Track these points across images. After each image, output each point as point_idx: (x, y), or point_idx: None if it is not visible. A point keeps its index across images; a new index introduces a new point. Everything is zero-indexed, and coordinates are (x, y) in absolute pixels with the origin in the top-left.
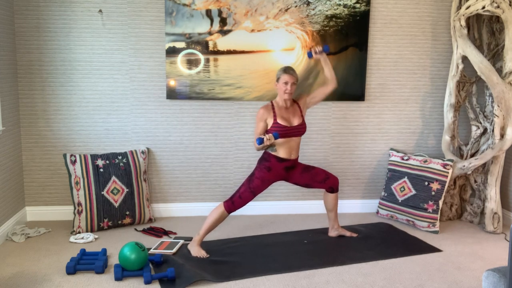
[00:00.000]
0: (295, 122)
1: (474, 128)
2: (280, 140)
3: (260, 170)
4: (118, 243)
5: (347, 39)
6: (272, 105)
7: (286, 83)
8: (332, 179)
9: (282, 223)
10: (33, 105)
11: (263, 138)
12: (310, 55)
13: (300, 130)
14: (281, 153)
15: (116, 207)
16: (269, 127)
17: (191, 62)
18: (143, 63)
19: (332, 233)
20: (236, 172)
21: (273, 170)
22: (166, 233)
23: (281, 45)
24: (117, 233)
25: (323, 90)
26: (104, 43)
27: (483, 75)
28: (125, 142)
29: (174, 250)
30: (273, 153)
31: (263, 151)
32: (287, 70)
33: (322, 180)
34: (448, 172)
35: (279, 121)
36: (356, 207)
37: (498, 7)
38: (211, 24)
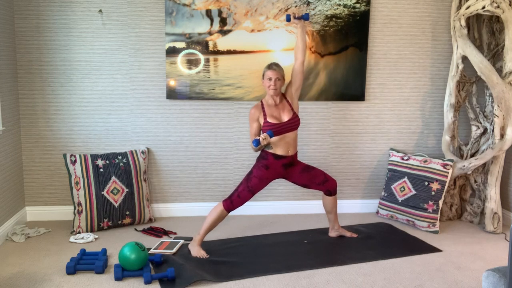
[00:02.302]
0: (285, 117)
1: (474, 128)
2: (274, 138)
3: (258, 169)
4: (118, 243)
5: (347, 39)
6: (262, 104)
7: (270, 79)
8: (331, 182)
9: (282, 223)
10: (33, 105)
11: (259, 139)
12: (288, 18)
13: (292, 124)
14: (278, 150)
15: (116, 207)
16: (261, 127)
17: (191, 62)
18: (143, 63)
19: (333, 233)
20: (236, 172)
21: (271, 168)
22: (166, 233)
23: (281, 45)
24: (117, 233)
25: (296, 68)
26: (104, 43)
27: (483, 75)
28: (125, 142)
29: (174, 250)
30: (270, 151)
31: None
32: (271, 66)
33: (321, 183)
34: (448, 172)
35: (269, 119)
36: (356, 207)
37: (498, 7)
38: (211, 24)
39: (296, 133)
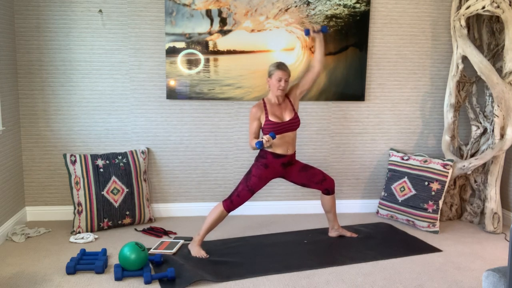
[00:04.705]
0: (287, 117)
1: (474, 128)
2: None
3: (257, 168)
4: (118, 243)
5: (347, 39)
6: (264, 102)
7: (279, 80)
8: (329, 181)
9: (282, 223)
10: (33, 105)
11: (262, 141)
12: (307, 32)
13: (293, 124)
14: (277, 149)
15: (116, 207)
16: (262, 125)
17: (191, 62)
18: (143, 63)
19: (333, 233)
20: (236, 172)
21: (270, 167)
22: (166, 233)
23: (281, 45)
24: (117, 233)
25: (310, 76)
26: (104, 43)
27: (483, 75)
28: (125, 142)
29: (174, 250)
30: (269, 150)
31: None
32: (281, 66)
33: (319, 182)
34: (448, 172)
35: (271, 118)
36: (356, 207)
37: (498, 7)
38: (211, 24)
39: (295, 133)
